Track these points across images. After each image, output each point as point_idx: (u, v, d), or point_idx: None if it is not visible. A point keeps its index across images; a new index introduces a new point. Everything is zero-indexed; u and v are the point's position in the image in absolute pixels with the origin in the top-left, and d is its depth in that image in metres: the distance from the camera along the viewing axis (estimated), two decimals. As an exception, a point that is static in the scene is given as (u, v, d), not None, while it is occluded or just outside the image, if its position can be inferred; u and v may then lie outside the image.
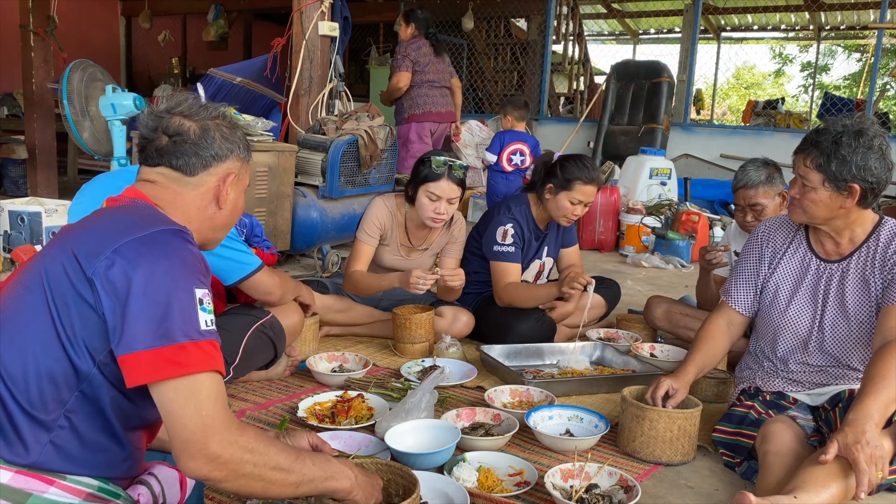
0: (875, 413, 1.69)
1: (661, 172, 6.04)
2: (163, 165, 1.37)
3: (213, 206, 1.42)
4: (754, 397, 2.13)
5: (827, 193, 1.94)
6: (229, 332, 2.32)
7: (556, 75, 10.12)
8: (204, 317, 1.18)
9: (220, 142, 1.40)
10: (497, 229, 3.07)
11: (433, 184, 2.89)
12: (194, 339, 1.15)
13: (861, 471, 1.62)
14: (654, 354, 3.01)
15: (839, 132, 1.91)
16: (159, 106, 1.41)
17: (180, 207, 1.38)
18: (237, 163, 1.43)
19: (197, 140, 1.37)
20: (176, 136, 1.36)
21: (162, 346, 1.13)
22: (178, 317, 1.15)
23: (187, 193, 1.38)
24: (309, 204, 4.33)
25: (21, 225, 3.96)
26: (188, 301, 1.17)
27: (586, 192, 3.01)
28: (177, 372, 1.13)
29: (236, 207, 1.48)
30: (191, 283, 1.19)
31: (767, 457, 1.89)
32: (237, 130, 1.44)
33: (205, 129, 1.38)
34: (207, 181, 1.40)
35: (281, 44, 5.18)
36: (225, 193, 1.42)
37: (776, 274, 2.18)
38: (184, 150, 1.36)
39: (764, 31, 12.86)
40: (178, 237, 1.24)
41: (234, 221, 1.50)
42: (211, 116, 1.41)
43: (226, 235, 1.52)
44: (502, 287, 3.06)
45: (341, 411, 2.25)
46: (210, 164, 1.39)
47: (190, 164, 1.37)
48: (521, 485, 1.88)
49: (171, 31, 10.29)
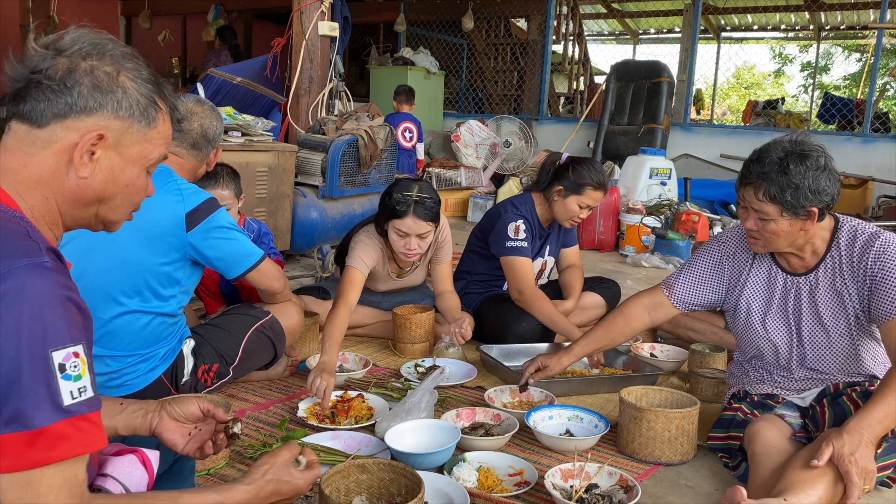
0: (877, 424, 1.69)
1: (661, 172, 6.04)
2: (15, 118, 1.06)
3: (73, 174, 1.07)
4: (742, 400, 2.13)
5: (787, 222, 1.89)
6: (229, 332, 2.33)
7: (556, 75, 10.13)
8: (67, 388, 0.92)
9: (88, 90, 1.05)
10: (508, 225, 3.05)
11: (398, 220, 2.74)
12: (53, 420, 0.91)
13: (853, 483, 1.62)
14: (654, 354, 3.01)
15: (782, 158, 1.84)
16: (46, 38, 1.09)
17: (33, 178, 1.05)
18: (114, 122, 1.08)
19: (57, 82, 1.04)
20: (36, 73, 1.04)
21: (12, 433, 0.89)
22: (26, 395, 0.90)
23: (38, 154, 1.05)
24: (309, 204, 4.34)
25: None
26: (41, 372, 0.91)
27: (595, 197, 3.03)
28: (22, 465, 0.90)
29: (118, 181, 1.11)
30: (44, 348, 0.91)
31: (755, 457, 1.89)
32: (129, 81, 1.09)
33: (70, 70, 1.05)
34: (62, 137, 1.05)
35: (281, 44, 5.18)
36: (83, 156, 1.06)
37: (745, 292, 2.13)
38: (37, 93, 1.04)
39: (764, 31, 12.87)
40: (28, 275, 0.93)
41: (124, 200, 1.14)
42: (87, 54, 1.06)
43: (125, 214, 1.17)
44: (524, 283, 2.97)
45: (341, 411, 2.25)
46: (65, 114, 1.04)
47: (38, 111, 1.04)
48: (521, 485, 1.88)
49: (171, 31, 10.30)
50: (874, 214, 6.59)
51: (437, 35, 9.97)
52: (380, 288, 3.13)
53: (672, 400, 2.24)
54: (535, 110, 9.02)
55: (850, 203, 6.71)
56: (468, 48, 10.13)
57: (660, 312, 2.27)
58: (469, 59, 10.19)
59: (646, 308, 2.28)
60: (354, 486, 1.61)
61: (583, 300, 3.25)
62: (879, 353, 2.00)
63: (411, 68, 8.40)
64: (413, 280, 3.18)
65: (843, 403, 1.91)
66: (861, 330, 1.98)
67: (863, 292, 1.94)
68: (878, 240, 1.92)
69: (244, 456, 1.98)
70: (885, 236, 1.93)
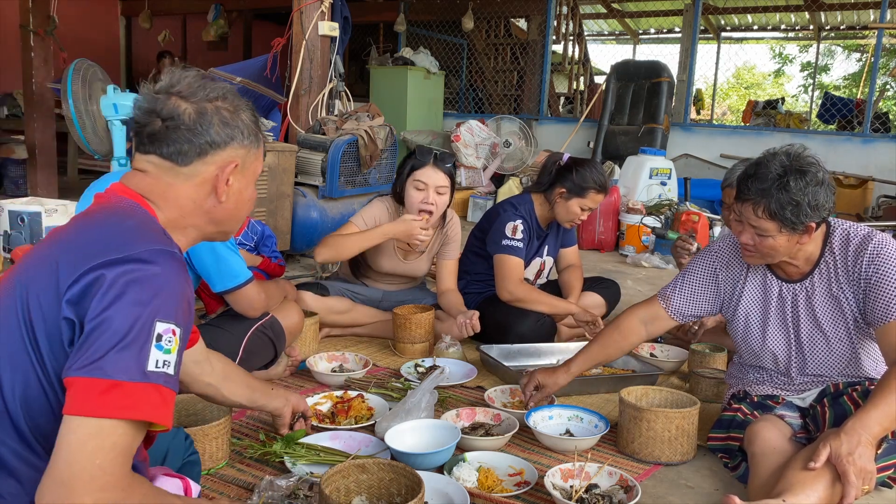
0: (875, 425, 1.68)
1: (661, 172, 6.04)
2: (153, 154, 1.22)
3: (212, 199, 1.26)
4: (742, 400, 2.13)
5: (785, 237, 1.88)
6: (229, 332, 2.33)
7: (556, 75, 10.13)
8: (156, 356, 1.04)
9: (219, 127, 1.23)
10: (507, 224, 3.05)
11: (419, 171, 2.89)
12: (133, 378, 1.01)
13: (850, 483, 1.62)
14: (654, 354, 3.01)
15: (781, 175, 1.82)
16: (157, 84, 1.25)
17: (172, 200, 1.23)
18: (240, 150, 1.27)
19: (192, 125, 1.21)
20: (169, 119, 1.21)
21: (92, 377, 0.99)
22: (122, 350, 1.01)
23: (180, 185, 1.23)
24: (309, 204, 4.34)
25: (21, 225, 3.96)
26: (142, 334, 1.03)
27: (598, 200, 3.06)
28: (94, 411, 0.99)
29: (242, 199, 1.31)
30: (153, 314, 1.04)
31: (755, 458, 1.89)
32: (241, 113, 1.28)
33: (201, 113, 1.22)
34: (203, 171, 1.24)
35: (281, 44, 5.18)
36: (224, 185, 1.25)
37: (743, 303, 2.12)
38: (176, 136, 1.21)
39: (764, 31, 12.87)
40: (162, 259, 1.09)
41: (242, 213, 1.34)
42: (210, 97, 1.24)
43: (239, 227, 1.38)
44: (514, 282, 3.00)
45: (341, 411, 2.25)
46: (206, 152, 1.23)
47: (182, 153, 1.21)
48: (521, 485, 1.88)
49: (171, 31, 10.29)
50: (874, 214, 6.59)
51: (437, 35, 9.97)
52: (383, 266, 3.12)
53: (672, 400, 2.24)
54: (535, 110, 9.01)
55: (850, 203, 6.71)
56: (468, 48, 10.12)
57: (656, 325, 2.26)
58: (469, 59, 10.18)
59: (642, 321, 2.26)
60: (354, 486, 1.62)
61: (583, 300, 3.25)
62: (879, 356, 2.00)
63: (411, 68, 8.40)
64: (416, 268, 3.16)
65: (844, 403, 1.91)
66: (860, 333, 1.97)
67: (858, 295, 1.93)
68: (872, 242, 1.91)
69: (244, 456, 1.98)
70: (878, 238, 1.92)
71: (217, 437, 1.87)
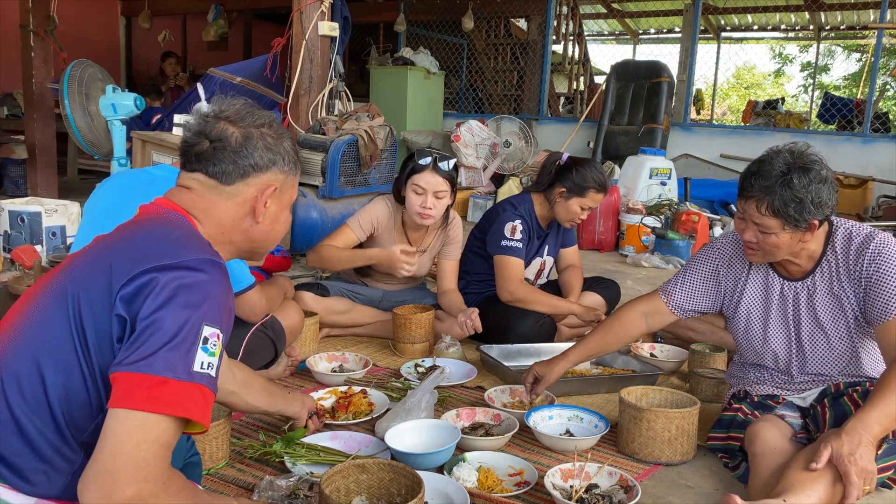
0: (875, 425, 1.68)
1: (661, 172, 6.04)
2: (199, 171, 1.31)
3: (250, 219, 1.35)
4: (743, 400, 2.13)
5: (788, 235, 1.88)
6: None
7: (556, 75, 10.13)
8: (201, 357, 1.10)
9: (263, 151, 1.32)
10: (506, 225, 3.06)
11: (417, 175, 2.88)
12: (179, 377, 1.07)
13: (852, 483, 1.62)
14: (654, 354, 3.01)
15: (785, 172, 1.82)
16: (208, 109, 1.35)
17: (214, 217, 1.32)
18: (280, 175, 1.35)
19: (237, 147, 1.30)
20: (217, 141, 1.30)
21: (141, 373, 1.06)
22: (171, 349, 1.07)
23: (222, 203, 1.32)
24: (309, 204, 4.34)
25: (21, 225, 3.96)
26: (190, 336, 1.10)
27: (598, 199, 3.07)
28: (141, 405, 1.05)
29: (277, 222, 1.40)
30: (201, 318, 1.11)
31: (755, 458, 1.89)
32: (284, 141, 1.36)
33: (247, 137, 1.31)
34: (244, 192, 1.32)
35: (281, 44, 5.18)
36: (262, 206, 1.34)
37: (744, 300, 2.12)
38: (222, 157, 1.30)
39: (764, 31, 12.87)
40: (210, 268, 1.17)
41: (277, 236, 1.42)
42: (256, 124, 1.33)
43: (272, 248, 1.45)
44: (514, 282, 3.01)
45: (341, 406, 2.26)
46: (248, 173, 1.32)
47: (227, 173, 1.30)
48: (521, 485, 1.88)
49: (171, 31, 10.29)
50: (874, 214, 6.59)
51: (437, 35, 9.97)
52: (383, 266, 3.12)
53: (672, 400, 2.24)
54: (535, 110, 9.02)
55: (849, 203, 6.71)
56: (468, 48, 10.12)
57: (657, 319, 2.26)
58: (469, 59, 10.19)
59: (642, 314, 2.26)
60: (354, 486, 1.62)
61: (583, 300, 3.25)
62: (880, 355, 2.00)
63: (411, 68, 8.40)
64: (417, 268, 3.16)
65: (844, 403, 1.91)
66: (861, 332, 1.97)
67: (859, 294, 1.94)
68: (874, 241, 1.92)
69: (244, 456, 1.98)
70: (880, 238, 1.93)
71: (217, 437, 1.87)
